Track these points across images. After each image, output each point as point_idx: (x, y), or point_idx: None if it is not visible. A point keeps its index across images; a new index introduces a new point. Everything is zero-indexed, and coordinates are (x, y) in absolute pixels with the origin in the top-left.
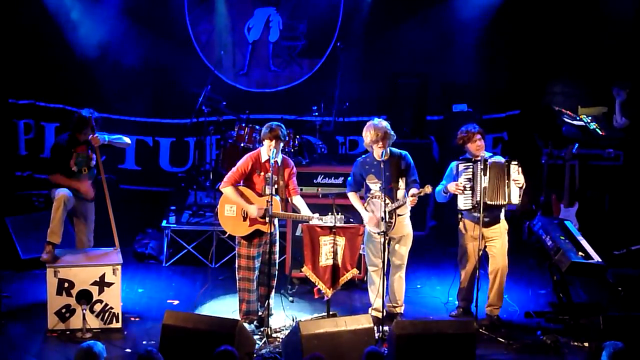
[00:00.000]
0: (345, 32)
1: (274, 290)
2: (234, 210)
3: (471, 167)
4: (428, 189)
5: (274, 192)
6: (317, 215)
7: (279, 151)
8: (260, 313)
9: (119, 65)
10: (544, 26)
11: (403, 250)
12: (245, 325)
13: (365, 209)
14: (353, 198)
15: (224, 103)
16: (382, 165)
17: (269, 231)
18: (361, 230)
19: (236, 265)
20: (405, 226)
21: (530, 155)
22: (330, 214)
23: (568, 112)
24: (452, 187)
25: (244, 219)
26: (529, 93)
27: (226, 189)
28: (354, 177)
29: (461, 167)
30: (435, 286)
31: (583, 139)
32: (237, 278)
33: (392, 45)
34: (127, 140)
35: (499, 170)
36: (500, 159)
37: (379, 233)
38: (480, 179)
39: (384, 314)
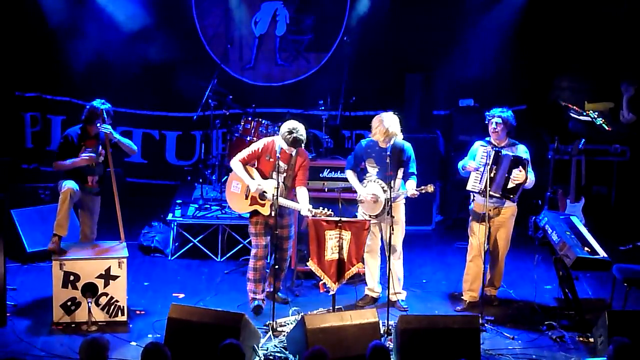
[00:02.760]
0: (352, 26)
1: (283, 274)
2: (239, 187)
3: (487, 153)
4: (430, 188)
5: (281, 180)
6: (309, 206)
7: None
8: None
9: (126, 58)
10: (552, 21)
11: (398, 234)
12: (251, 305)
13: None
14: (351, 176)
15: (231, 97)
16: (384, 154)
17: (265, 213)
18: (367, 225)
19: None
20: (399, 211)
21: (537, 150)
22: (320, 208)
23: (575, 107)
24: (471, 165)
25: (246, 197)
26: (535, 88)
27: (234, 164)
28: (355, 157)
29: (481, 150)
30: (441, 281)
31: (589, 134)
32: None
33: (399, 39)
34: (134, 147)
35: (506, 163)
36: (523, 147)
37: (370, 216)
38: (490, 167)
39: (396, 302)
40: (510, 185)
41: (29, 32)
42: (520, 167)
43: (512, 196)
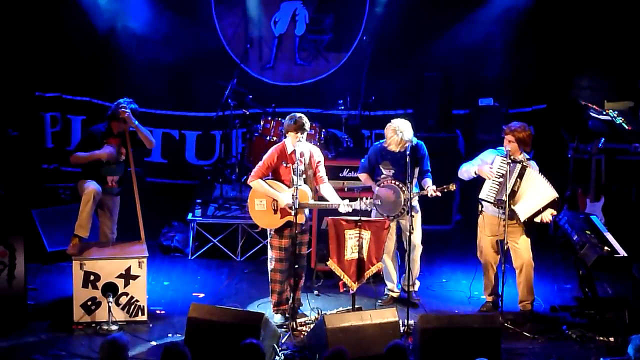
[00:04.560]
0: (371, 26)
1: (302, 281)
2: (264, 204)
3: (508, 165)
4: (452, 186)
5: (302, 183)
6: (346, 201)
7: (303, 141)
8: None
9: (146, 58)
10: (572, 20)
11: (417, 232)
12: (277, 317)
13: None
14: (366, 179)
15: (250, 96)
16: (400, 155)
17: (300, 222)
18: (387, 224)
19: (268, 257)
20: (414, 206)
21: (557, 149)
22: (358, 199)
23: (594, 106)
24: (486, 169)
25: (275, 212)
26: (555, 87)
27: (254, 183)
28: (369, 160)
29: (499, 160)
30: (461, 280)
31: (609, 133)
32: (269, 269)
33: (418, 38)
34: (153, 139)
35: (541, 191)
36: (535, 165)
37: (387, 216)
38: (515, 180)
39: (410, 294)
40: (537, 219)
41: (49, 32)
42: (555, 209)
43: (526, 228)
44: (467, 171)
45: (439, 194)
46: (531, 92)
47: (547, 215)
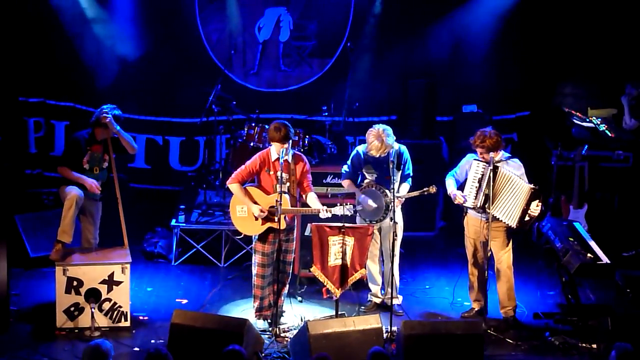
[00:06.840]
0: (355, 32)
1: (286, 289)
2: (245, 210)
3: (483, 168)
4: (432, 189)
5: (285, 190)
6: (325, 207)
7: (288, 150)
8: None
9: (129, 63)
10: (555, 27)
11: (399, 236)
12: (259, 322)
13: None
14: (349, 185)
15: (234, 102)
16: (382, 159)
17: (280, 228)
18: (370, 231)
19: (252, 262)
20: (398, 216)
21: (540, 156)
22: (338, 204)
23: (578, 113)
24: (457, 198)
25: (256, 218)
26: (539, 94)
27: (232, 186)
28: (352, 166)
29: (474, 165)
30: (444, 286)
31: (592, 140)
32: (252, 274)
33: (402, 45)
34: (135, 145)
35: (517, 190)
36: (517, 163)
37: (370, 221)
38: (488, 183)
39: (392, 306)
40: (527, 218)
41: (33, 37)
42: (539, 199)
43: (524, 228)
44: (447, 187)
45: (399, 205)
46: (515, 99)
47: (535, 208)
